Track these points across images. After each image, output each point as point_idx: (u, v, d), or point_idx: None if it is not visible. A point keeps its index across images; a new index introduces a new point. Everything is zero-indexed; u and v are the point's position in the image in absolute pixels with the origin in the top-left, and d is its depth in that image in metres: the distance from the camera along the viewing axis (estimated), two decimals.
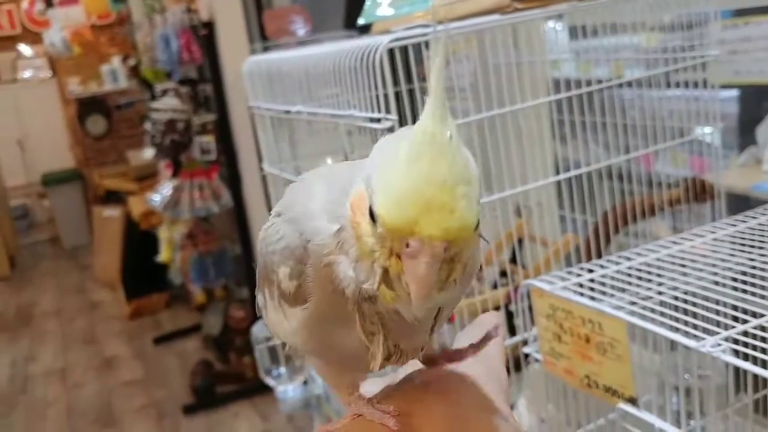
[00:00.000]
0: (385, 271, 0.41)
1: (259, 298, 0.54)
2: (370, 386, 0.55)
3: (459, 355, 0.56)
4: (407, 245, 0.38)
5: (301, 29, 3.37)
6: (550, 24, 1.52)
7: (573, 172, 1.22)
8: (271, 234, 0.49)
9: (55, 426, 3.88)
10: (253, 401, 3.70)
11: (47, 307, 5.82)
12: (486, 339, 0.57)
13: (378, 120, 1.03)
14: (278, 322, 0.51)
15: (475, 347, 0.56)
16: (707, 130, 1.38)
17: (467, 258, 0.41)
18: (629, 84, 1.32)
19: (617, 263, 1.02)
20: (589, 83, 1.25)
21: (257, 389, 3.69)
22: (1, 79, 8.14)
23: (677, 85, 1.37)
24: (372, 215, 0.40)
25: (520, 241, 1.42)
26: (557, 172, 1.34)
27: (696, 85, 1.36)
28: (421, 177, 0.38)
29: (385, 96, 1.00)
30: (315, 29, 3.35)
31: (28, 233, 7.90)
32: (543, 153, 1.60)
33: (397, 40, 1.00)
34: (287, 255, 0.47)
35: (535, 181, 1.23)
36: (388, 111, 1.01)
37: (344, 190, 0.44)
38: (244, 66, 1.53)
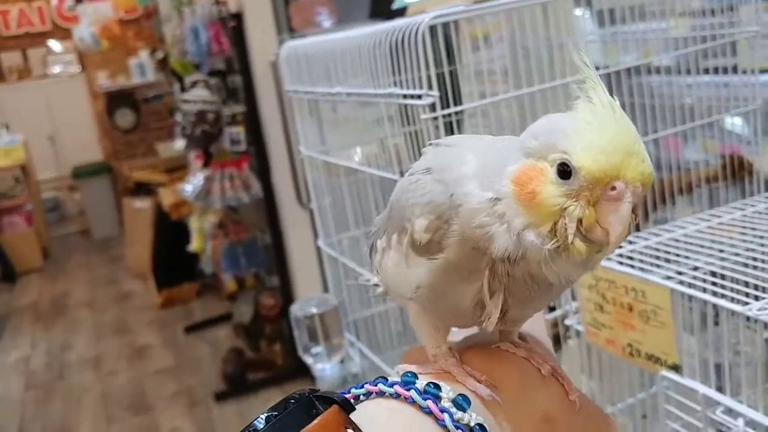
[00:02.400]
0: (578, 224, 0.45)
1: (380, 242, 0.58)
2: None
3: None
4: (613, 188, 0.44)
5: (326, 20, 3.40)
6: (578, 12, 1.52)
7: None
8: (415, 188, 0.53)
9: (90, 412, 3.95)
10: (284, 388, 3.74)
11: (80, 297, 5.91)
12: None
13: (419, 97, 1.05)
14: (395, 265, 0.55)
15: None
16: (738, 116, 1.38)
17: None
18: (657, 69, 1.33)
19: (657, 235, 1.03)
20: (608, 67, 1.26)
21: (288, 376, 3.73)
22: (32, 75, 8.26)
23: (706, 71, 1.37)
24: (563, 175, 0.45)
25: None
26: None
27: (726, 70, 1.36)
28: (619, 131, 0.45)
29: (427, 73, 1.02)
30: (340, 20, 3.37)
31: (59, 225, 8.02)
32: None
33: (439, 17, 1.02)
34: (429, 210, 0.51)
35: None
36: (430, 87, 1.03)
37: (498, 167, 0.49)
38: (281, 51, 1.55)
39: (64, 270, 6.75)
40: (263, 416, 0.44)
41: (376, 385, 0.49)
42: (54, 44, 8.28)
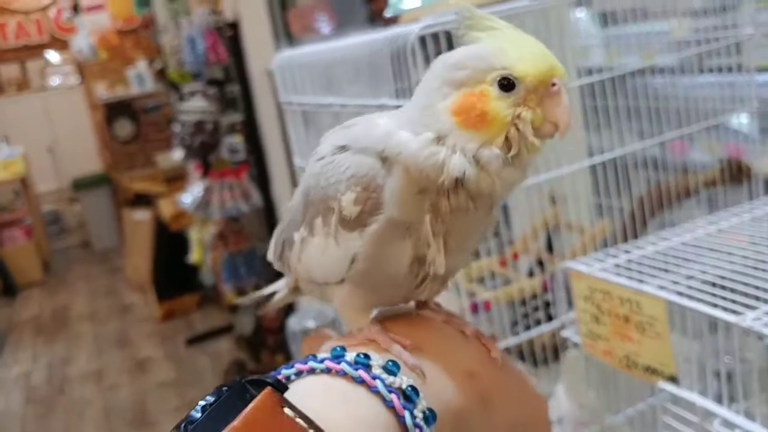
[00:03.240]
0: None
1: (298, 234, 0.60)
2: None
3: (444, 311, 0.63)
4: (553, 84, 0.51)
5: (325, 27, 3.39)
6: (578, 14, 1.51)
7: (605, 156, 1.22)
8: (333, 167, 0.56)
9: (92, 426, 3.93)
10: None
11: (81, 310, 5.90)
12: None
13: None
14: (321, 251, 0.57)
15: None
16: (742, 115, 1.37)
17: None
18: (661, 70, 1.31)
19: (654, 244, 1.01)
20: (612, 70, 1.24)
21: None
22: (31, 87, 8.27)
23: (710, 70, 1.36)
24: (506, 88, 0.51)
25: (553, 229, 1.42)
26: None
27: (730, 69, 1.34)
28: (535, 42, 0.53)
29: (418, 84, 1.00)
30: (339, 27, 3.36)
31: (59, 238, 8.01)
32: (574, 141, 1.60)
33: (428, 27, 1.00)
34: (354, 182, 0.54)
35: (568, 168, 1.23)
36: None
37: (424, 112, 0.53)
38: (274, 61, 1.54)
39: (64, 283, 6.74)
40: (199, 406, 0.45)
41: (306, 363, 0.50)
42: (52, 56, 8.29)
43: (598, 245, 1.34)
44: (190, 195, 3.91)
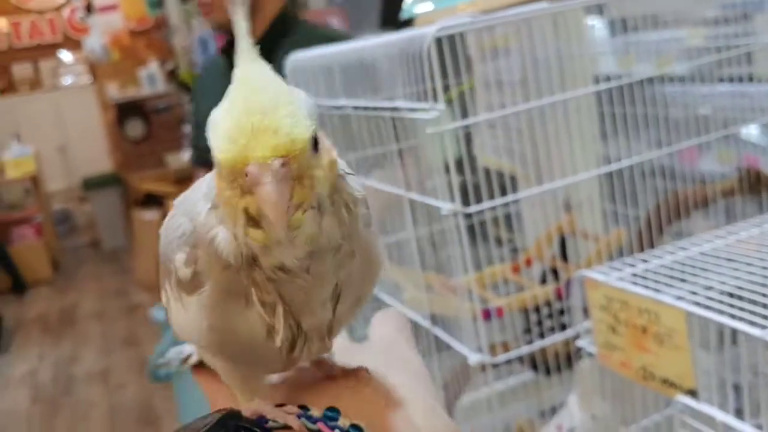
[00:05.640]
0: (247, 215, 0.42)
1: (163, 296, 0.53)
2: None
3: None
4: (247, 175, 0.40)
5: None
6: (590, 21, 1.49)
7: (616, 165, 1.20)
8: (170, 225, 0.50)
9: (98, 427, 3.93)
10: None
11: (89, 309, 5.90)
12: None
13: (425, 110, 1.02)
14: (179, 315, 0.51)
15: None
16: (754, 125, 1.35)
17: (320, 179, 0.43)
18: (681, 79, 1.29)
19: (672, 253, 0.99)
20: (627, 77, 1.23)
21: None
22: (43, 87, 8.30)
23: (720, 80, 1.34)
24: (220, 170, 0.42)
25: (568, 236, 1.40)
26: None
27: (741, 79, 1.32)
28: (242, 110, 0.41)
29: (433, 86, 0.99)
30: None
31: (69, 237, 8.03)
32: (589, 148, 1.58)
33: (444, 29, 0.99)
34: (183, 241, 0.48)
35: (582, 175, 1.21)
36: (435, 100, 1.00)
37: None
38: (287, 63, 1.53)
39: (73, 281, 6.75)
40: None
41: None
42: (65, 55, 8.32)
43: (612, 253, 1.32)
44: None
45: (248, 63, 0.43)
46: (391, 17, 2.98)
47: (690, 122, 1.26)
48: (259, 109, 0.41)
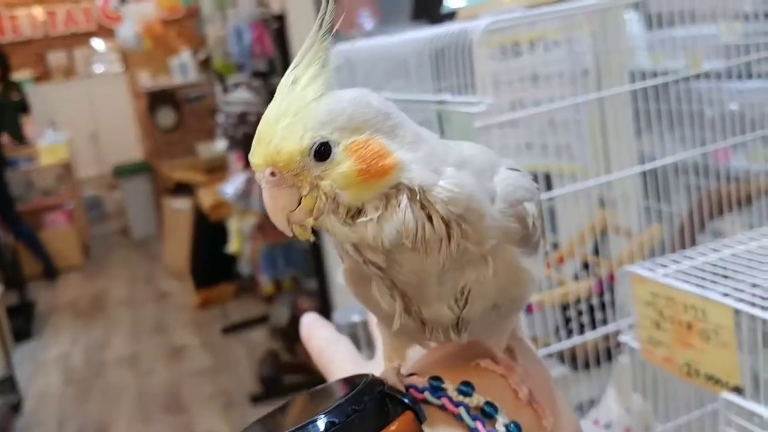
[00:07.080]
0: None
1: None
2: None
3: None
4: (272, 174, 0.45)
5: (368, 22, 3.39)
6: (626, 16, 1.48)
7: (659, 162, 1.20)
8: None
9: (127, 410, 3.98)
10: None
11: (119, 295, 5.98)
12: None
13: (473, 104, 1.03)
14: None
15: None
16: None
17: (333, 187, 0.44)
18: (717, 75, 1.28)
19: (717, 250, 0.99)
20: (666, 75, 1.22)
21: (324, 380, 3.71)
22: (77, 74, 8.40)
23: (759, 76, 1.32)
24: None
25: (603, 233, 1.40)
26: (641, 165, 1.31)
27: None
28: (265, 117, 0.45)
29: (482, 79, 1.00)
30: (382, 21, 3.35)
31: (99, 223, 8.13)
32: (626, 145, 1.58)
33: (496, 22, 0.99)
34: None
35: (618, 173, 1.21)
36: (484, 94, 1.00)
37: None
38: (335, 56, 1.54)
39: (103, 268, 6.84)
40: (340, 407, 0.44)
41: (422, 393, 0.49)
42: (98, 43, 8.40)
43: (650, 250, 1.31)
44: (231, 185, 3.94)
45: (290, 68, 0.47)
46: (423, 10, 2.98)
47: (724, 120, 1.25)
48: (267, 119, 0.45)
